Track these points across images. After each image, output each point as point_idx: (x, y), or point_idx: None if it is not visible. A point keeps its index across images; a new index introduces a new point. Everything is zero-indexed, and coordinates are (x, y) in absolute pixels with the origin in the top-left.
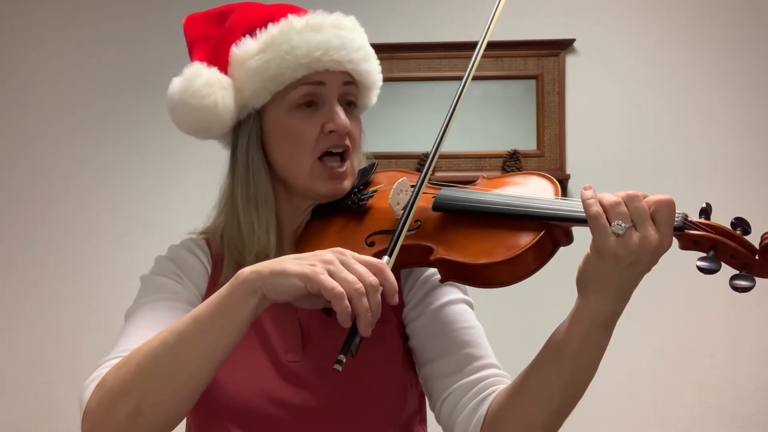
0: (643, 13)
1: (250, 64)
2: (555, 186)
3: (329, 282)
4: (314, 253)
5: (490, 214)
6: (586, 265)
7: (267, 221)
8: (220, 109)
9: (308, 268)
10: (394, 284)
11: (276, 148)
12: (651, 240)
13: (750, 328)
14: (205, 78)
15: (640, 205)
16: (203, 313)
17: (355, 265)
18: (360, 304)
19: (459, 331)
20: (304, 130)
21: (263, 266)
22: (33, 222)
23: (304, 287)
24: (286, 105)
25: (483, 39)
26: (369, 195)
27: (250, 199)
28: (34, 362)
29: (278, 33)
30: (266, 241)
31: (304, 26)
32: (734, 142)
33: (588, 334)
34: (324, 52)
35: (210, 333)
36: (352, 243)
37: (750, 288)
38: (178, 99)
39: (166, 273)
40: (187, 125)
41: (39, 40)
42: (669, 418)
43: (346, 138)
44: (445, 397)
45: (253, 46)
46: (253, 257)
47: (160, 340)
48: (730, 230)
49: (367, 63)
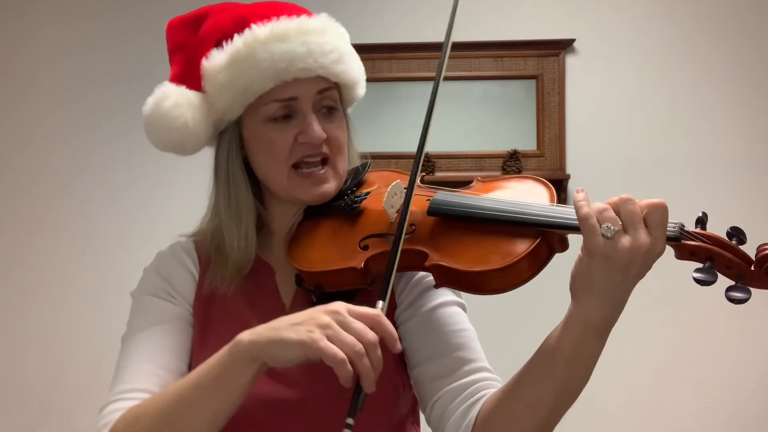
0: (643, 13)
1: (218, 79)
2: (550, 191)
3: (330, 349)
4: (310, 315)
5: (486, 220)
6: (577, 268)
7: (246, 230)
8: (191, 127)
9: (306, 336)
10: (393, 333)
11: (255, 157)
12: (642, 243)
13: (750, 327)
14: (174, 99)
15: (632, 209)
16: (205, 378)
17: (353, 323)
18: (362, 365)
19: (451, 333)
20: (278, 141)
21: (261, 334)
22: (31, 222)
23: (304, 355)
24: (260, 117)
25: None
26: (362, 197)
27: (231, 206)
28: (34, 362)
29: (242, 45)
30: (245, 251)
31: (268, 36)
32: (735, 142)
33: (581, 340)
34: (289, 63)
35: (214, 399)
36: (345, 246)
37: (745, 300)
38: (149, 121)
39: (157, 292)
40: (162, 145)
41: (36, 39)
42: (669, 418)
43: (322, 147)
44: (435, 400)
45: (221, 60)
46: (232, 266)
47: (166, 404)
48: (727, 241)
49: (342, 64)
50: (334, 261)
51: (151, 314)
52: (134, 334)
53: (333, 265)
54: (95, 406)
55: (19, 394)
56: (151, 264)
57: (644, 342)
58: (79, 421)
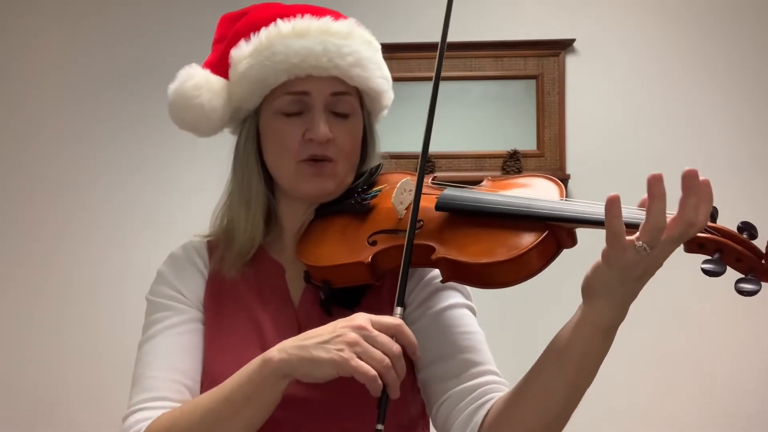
0: (643, 13)
1: (239, 68)
2: (560, 188)
3: (362, 368)
4: (336, 332)
5: (494, 214)
6: (594, 273)
7: (254, 217)
8: (207, 110)
9: (337, 355)
10: (414, 342)
11: (266, 149)
12: (666, 255)
13: (750, 327)
14: (196, 80)
15: (668, 237)
16: (236, 394)
17: (378, 337)
18: (389, 377)
19: (459, 335)
20: (287, 135)
21: (291, 353)
22: (34, 220)
23: (336, 373)
24: (274, 109)
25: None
26: (372, 195)
27: (242, 191)
28: (33, 361)
29: (265, 38)
30: (249, 238)
31: (289, 32)
32: (735, 142)
33: (590, 341)
34: (303, 59)
35: (245, 413)
36: (354, 242)
37: (756, 292)
38: (171, 98)
39: (169, 295)
40: (179, 122)
41: (39, 37)
42: (669, 417)
43: (327, 148)
44: (442, 402)
45: (245, 50)
46: (236, 251)
47: (198, 418)
48: (737, 234)
49: (359, 68)
50: (341, 256)
51: (165, 318)
52: (149, 340)
53: (340, 259)
54: (96, 405)
55: (20, 393)
56: (163, 265)
57: (644, 342)
58: (80, 421)
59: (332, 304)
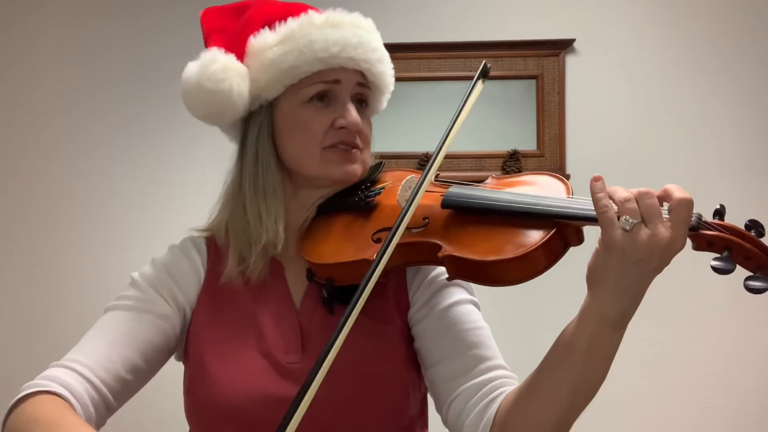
0: (643, 13)
1: (267, 55)
2: (566, 186)
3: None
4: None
5: (500, 212)
6: (594, 260)
7: (276, 212)
8: (235, 95)
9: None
10: None
11: (287, 140)
12: (660, 238)
13: (751, 327)
14: (222, 63)
15: (651, 203)
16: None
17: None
18: None
19: (466, 332)
20: (315, 123)
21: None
22: (34, 220)
23: None
24: (300, 98)
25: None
26: (376, 192)
27: (258, 190)
28: (33, 361)
29: (298, 26)
30: (275, 232)
31: (323, 22)
32: (736, 141)
33: (597, 334)
34: (342, 48)
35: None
36: (358, 239)
37: (765, 289)
38: (194, 82)
39: (158, 285)
40: (200, 109)
41: (39, 37)
42: (669, 417)
43: (356, 136)
44: (452, 400)
45: (272, 38)
46: (261, 249)
47: None
48: (745, 231)
49: (382, 65)
50: (346, 253)
51: (142, 302)
52: (117, 311)
53: (345, 257)
54: None
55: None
56: (162, 256)
57: (643, 342)
58: None
59: (335, 302)
